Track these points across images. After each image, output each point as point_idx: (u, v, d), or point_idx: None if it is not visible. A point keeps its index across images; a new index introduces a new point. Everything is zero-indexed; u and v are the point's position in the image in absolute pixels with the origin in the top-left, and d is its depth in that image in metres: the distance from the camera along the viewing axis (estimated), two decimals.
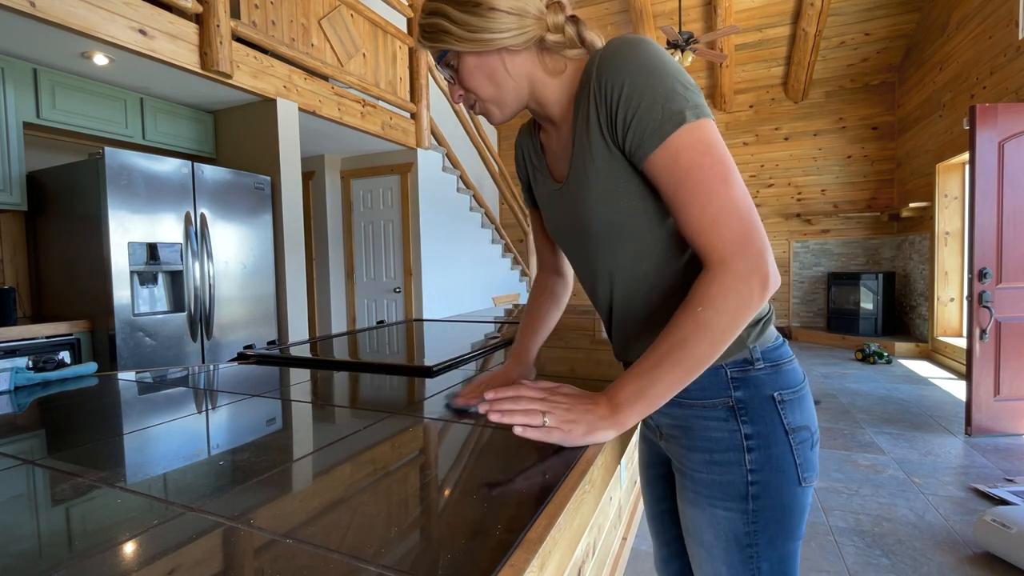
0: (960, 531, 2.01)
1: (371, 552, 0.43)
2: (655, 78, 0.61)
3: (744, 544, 0.71)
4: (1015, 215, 2.95)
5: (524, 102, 0.73)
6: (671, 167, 0.61)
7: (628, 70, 0.62)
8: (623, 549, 1.84)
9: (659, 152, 0.61)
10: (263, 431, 0.77)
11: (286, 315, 3.23)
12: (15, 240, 2.77)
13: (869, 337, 5.81)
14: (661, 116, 0.61)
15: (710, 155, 0.60)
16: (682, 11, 5.92)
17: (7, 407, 0.92)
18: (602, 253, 0.74)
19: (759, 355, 0.72)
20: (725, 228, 0.60)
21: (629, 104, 0.62)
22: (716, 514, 0.72)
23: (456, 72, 0.71)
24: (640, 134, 0.62)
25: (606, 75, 0.63)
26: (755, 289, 0.59)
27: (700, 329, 0.60)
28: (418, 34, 0.71)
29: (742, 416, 0.70)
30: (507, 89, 0.70)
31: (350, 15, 3.61)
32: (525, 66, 0.70)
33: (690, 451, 0.75)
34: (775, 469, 0.69)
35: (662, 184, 0.63)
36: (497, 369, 0.96)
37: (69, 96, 2.61)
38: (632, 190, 0.67)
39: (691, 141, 0.60)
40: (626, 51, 0.62)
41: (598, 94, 0.65)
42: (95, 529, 0.48)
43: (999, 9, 4.08)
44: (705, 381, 0.72)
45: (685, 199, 0.61)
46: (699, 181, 0.60)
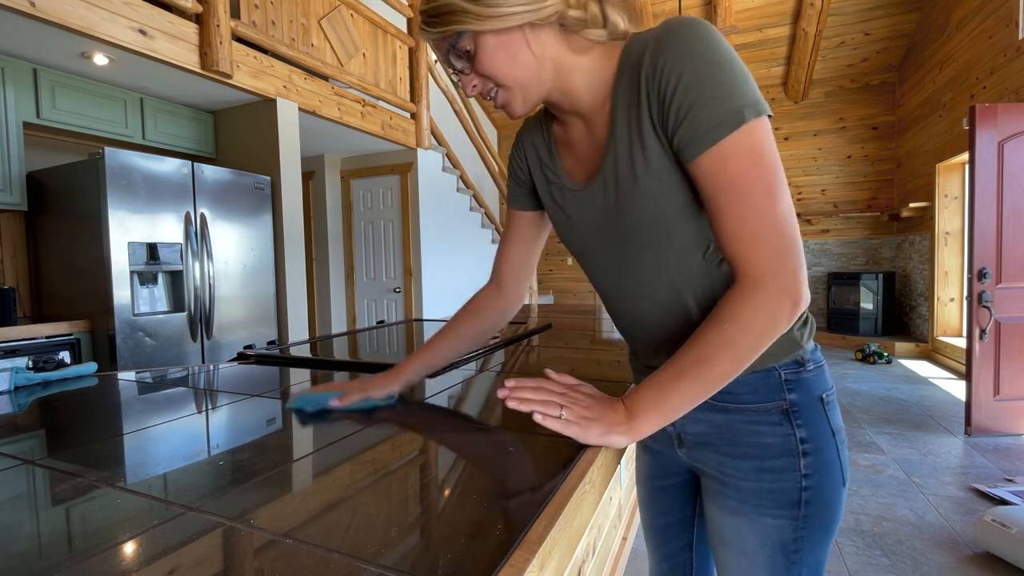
0: (960, 531, 2.01)
1: (371, 552, 0.43)
2: (717, 69, 0.56)
3: (790, 551, 0.69)
4: (1015, 215, 2.95)
5: (547, 90, 0.66)
6: (717, 172, 0.57)
7: (689, 57, 0.56)
8: (623, 549, 1.84)
9: (708, 155, 0.57)
10: (263, 431, 0.77)
11: (286, 315, 3.23)
12: (15, 240, 2.77)
13: (869, 337, 5.81)
14: (718, 115, 0.56)
15: (759, 165, 0.56)
16: (682, 11, 5.92)
17: (7, 407, 0.92)
18: (646, 252, 0.68)
19: (808, 356, 0.70)
20: (764, 244, 0.57)
21: (686, 95, 0.57)
22: (764, 522, 0.69)
23: (473, 57, 0.63)
24: (691, 132, 0.58)
25: (664, 59, 0.57)
26: (785, 310, 0.57)
27: (725, 346, 0.58)
28: (423, 21, 0.63)
29: (796, 419, 0.67)
30: (531, 71, 0.63)
31: (350, 15, 3.61)
32: (550, 46, 0.63)
33: (735, 459, 0.70)
34: (825, 472, 0.67)
35: (705, 187, 0.59)
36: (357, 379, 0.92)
37: (69, 96, 2.61)
38: (687, 184, 0.63)
39: (744, 147, 0.56)
40: (687, 35, 0.57)
41: (651, 80, 0.59)
42: (95, 529, 0.48)
43: (999, 9, 4.08)
44: (757, 384, 0.68)
45: (726, 208, 0.58)
46: (744, 192, 0.57)
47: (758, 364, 0.68)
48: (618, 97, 0.64)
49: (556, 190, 0.76)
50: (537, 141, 0.79)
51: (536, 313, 2.42)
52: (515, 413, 0.84)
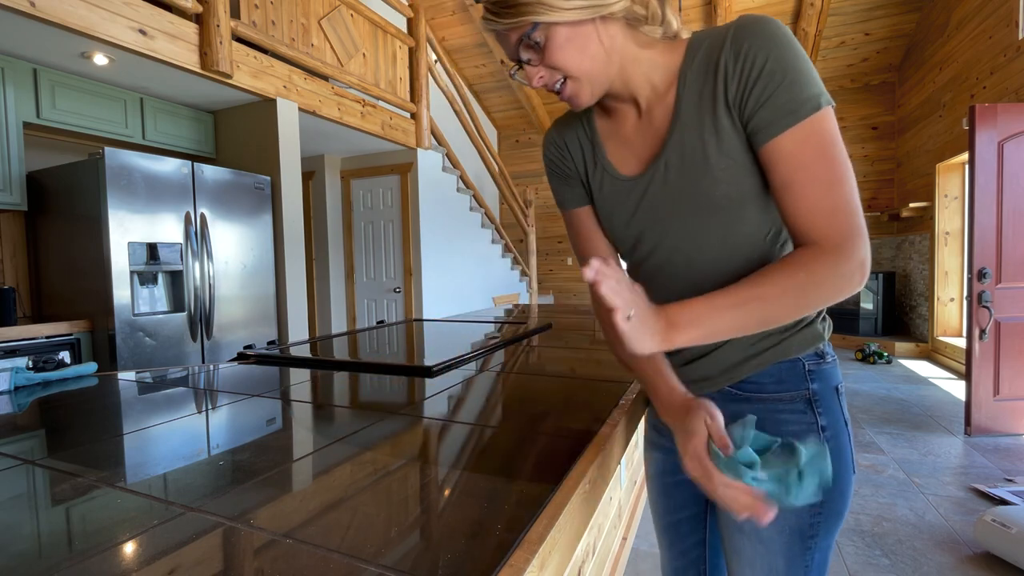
0: (960, 531, 2.01)
1: (371, 552, 0.43)
2: (799, 60, 0.60)
3: (807, 536, 0.72)
4: (1015, 215, 2.95)
5: (611, 81, 0.68)
6: (798, 152, 0.60)
7: (773, 44, 0.60)
8: (623, 549, 1.84)
9: (789, 134, 0.60)
10: (263, 431, 0.77)
11: (286, 315, 3.23)
12: (15, 240, 2.77)
13: (869, 337, 5.81)
14: (800, 98, 0.59)
15: (836, 146, 0.60)
16: (682, 11, 5.92)
17: (7, 407, 0.92)
18: (713, 234, 0.70)
19: (826, 349, 0.74)
20: (844, 218, 0.59)
21: (771, 78, 0.60)
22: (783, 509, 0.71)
23: (542, 48, 0.63)
24: (774, 112, 0.60)
25: (748, 45, 0.61)
26: (856, 280, 0.60)
27: (792, 292, 0.59)
28: (490, 11, 0.63)
29: (818, 408, 0.72)
30: (600, 63, 0.65)
31: (350, 15, 3.61)
32: (618, 38, 0.65)
33: None
34: (841, 459, 0.71)
35: (782, 166, 0.61)
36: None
37: (69, 96, 2.61)
38: (754, 169, 0.65)
39: (822, 128, 0.60)
40: (768, 26, 0.61)
41: (733, 64, 0.62)
42: (95, 529, 0.48)
43: (999, 9, 4.08)
44: (783, 374, 0.72)
45: (805, 186, 0.60)
46: (823, 169, 0.60)
47: (783, 354, 0.72)
48: (685, 84, 0.66)
49: (606, 182, 0.77)
50: (580, 138, 0.79)
51: (536, 313, 2.42)
52: (514, 412, 0.84)
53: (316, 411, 0.88)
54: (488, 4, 0.63)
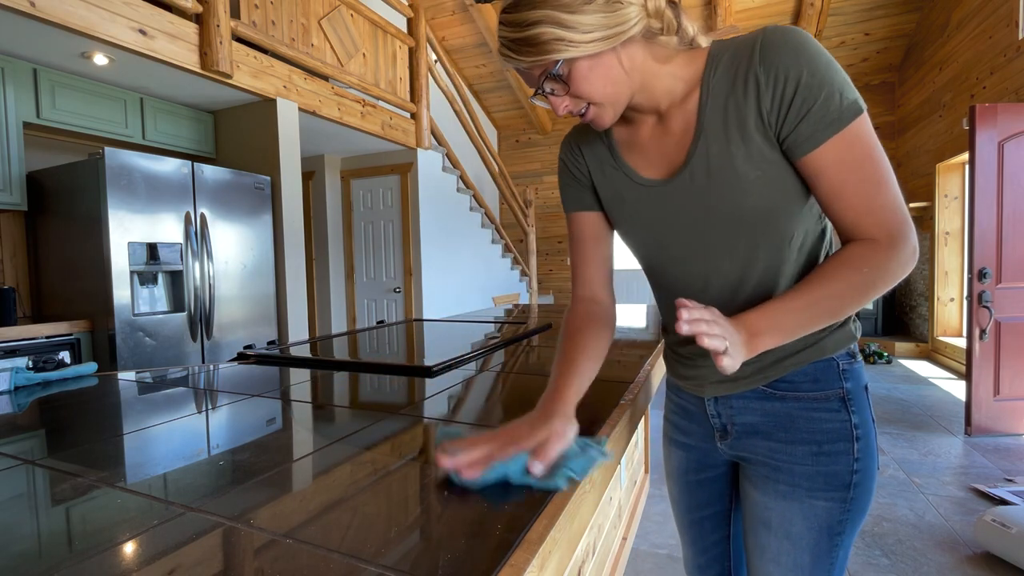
0: (960, 531, 2.01)
1: (371, 552, 0.43)
2: (832, 70, 0.61)
3: (835, 532, 0.73)
4: (1015, 215, 2.95)
5: (631, 97, 0.69)
6: (843, 158, 0.62)
7: (806, 59, 0.61)
8: (623, 549, 1.84)
9: (834, 140, 0.62)
10: (263, 431, 0.77)
11: (286, 315, 3.23)
12: (15, 240, 2.77)
13: (869, 337, 5.81)
14: (840, 106, 0.61)
15: (877, 147, 0.63)
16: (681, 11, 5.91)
17: (7, 407, 0.92)
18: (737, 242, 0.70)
19: (855, 349, 0.77)
20: (894, 213, 0.63)
21: (810, 91, 0.61)
22: (815, 505, 0.73)
23: (567, 80, 0.64)
24: (816, 124, 0.62)
25: (780, 61, 0.62)
26: (911, 265, 0.63)
27: (859, 287, 0.62)
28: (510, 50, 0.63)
29: (851, 406, 0.74)
30: (623, 86, 0.66)
31: (350, 15, 3.61)
32: (637, 58, 0.65)
33: (790, 444, 0.75)
34: (870, 456, 0.73)
35: (829, 171, 0.63)
36: (511, 424, 0.65)
37: (69, 96, 2.61)
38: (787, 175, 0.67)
39: (864, 134, 0.62)
40: (797, 39, 0.62)
41: (765, 79, 0.63)
42: (95, 529, 0.48)
43: (999, 9, 4.08)
44: (818, 373, 0.74)
45: (856, 187, 0.63)
46: (871, 171, 0.62)
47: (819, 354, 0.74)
48: (709, 94, 0.67)
49: (626, 188, 0.77)
50: (595, 144, 0.80)
51: (536, 313, 2.42)
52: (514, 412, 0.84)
53: (316, 411, 0.88)
54: (507, 43, 0.63)
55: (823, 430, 0.73)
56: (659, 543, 1.99)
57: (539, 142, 7.91)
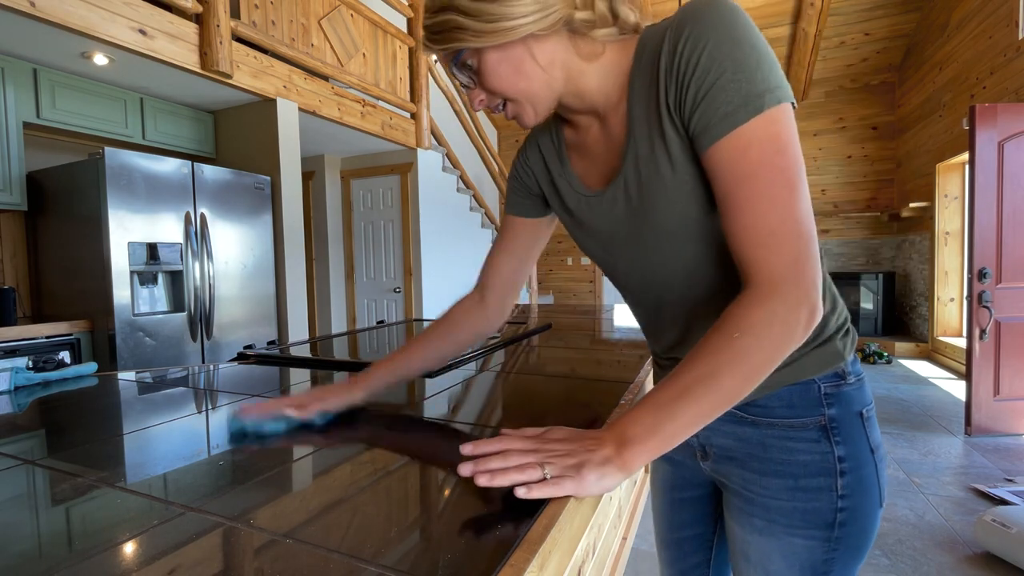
0: (960, 531, 2.01)
1: (371, 552, 0.43)
2: (739, 49, 0.51)
3: (820, 572, 0.65)
4: (1015, 215, 2.95)
5: (558, 96, 0.62)
6: (736, 161, 0.52)
7: (709, 36, 0.52)
8: (623, 549, 1.84)
9: (725, 142, 0.52)
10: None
11: (286, 315, 3.23)
12: (15, 240, 2.77)
13: (869, 337, 5.81)
14: (738, 97, 0.51)
15: (783, 155, 0.52)
16: None
17: (7, 407, 0.92)
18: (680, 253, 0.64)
19: (849, 368, 0.65)
20: (783, 245, 0.51)
21: (705, 77, 0.52)
22: (793, 543, 0.65)
23: (476, 73, 0.60)
24: (708, 117, 0.53)
25: (684, 40, 0.53)
26: (802, 322, 0.51)
27: (736, 359, 0.51)
28: (425, 37, 0.61)
29: (835, 436, 0.63)
30: (538, 82, 0.60)
31: (350, 15, 3.61)
32: (556, 53, 0.59)
33: (764, 476, 0.66)
34: (863, 492, 0.64)
35: (719, 179, 0.54)
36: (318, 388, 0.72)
37: (69, 96, 2.61)
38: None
39: (767, 135, 0.51)
40: (708, 13, 0.53)
41: (670, 63, 0.55)
42: (95, 529, 0.48)
43: (999, 9, 4.08)
44: (794, 398, 0.64)
45: (743, 202, 0.52)
46: (765, 184, 0.51)
47: (795, 376, 0.64)
48: (634, 92, 0.60)
49: (570, 198, 0.72)
50: (546, 148, 0.75)
51: (536, 313, 2.42)
52: (514, 412, 0.84)
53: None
54: (423, 28, 0.60)
55: (799, 462, 0.64)
56: None
57: None
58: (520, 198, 0.80)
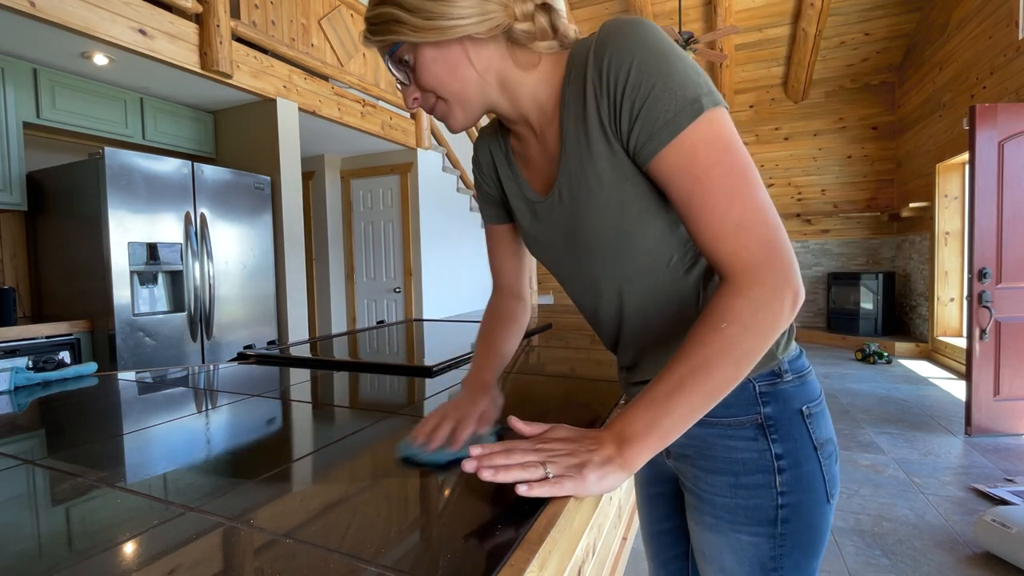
0: (960, 531, 2.01)
1: (371, 552, 0.43)
2: (666, 61, 0.53)
3: (769, 568, 0.66)
4: (1015, 215, 2.95)
5: (490, 103, 0.64)
6: (686, 165, 0.53)
7: (635, 52, 0.53)
8: (623, 549, 1.84)
9: (672, 148, 0.53)
10: (263, 431, 0.77)
11: (286, 315, 3.23)
12: (15, 240, 2.77)
13: (869, 337, 5.81)
14: (675, 105, 0.53)
15: (730, 152, 0.53)
16: (682, 11, 5.92)
17: (7, 407, 0.92)
18: (608, 268, 0.66)
19: (787, 366, 0.66)
20: (752, 234, 0.52)
21: (637, 91, 0.53)
22: (740, 539, 0.67)
23: (412, 69, 0.61)
24: (650, 127, 0.54)
25: (608, 59, 0.55)
26: (787, 304, 0.52)
27: (726, 348, 0.52)
28: (364, 30, 0.61)
29: (772, 434, 0.65)
30: (471, 85, 0.61)
31: (350, 15, 3.61)
32: (492, 59, 0.60)
33: (710, 473, 0.68)
34: (805, 489, 0.65)
35: (673, 185, 0.55)
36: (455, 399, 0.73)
37: (69, 96, 2.61)
38: (641, 192, 0.60)
39: (709, 135, 0.53)
40: (629, 32, 0.54)
41: (598, 82, 0.56)
42: (95, 529, 0.48)
43: (999, 9, 4.08)
44: (731, 398, 0.63)
45: (703, 202, 0.53)
46: (719, 181, 0.52)
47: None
48: (565, 107, 0.61)
49: (519, 202, 0.74)
50: (496, 153, 0.76)
51: (536, 313, 2.42)
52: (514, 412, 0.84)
53: (316, 411, 0.88)
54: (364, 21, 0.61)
55: (739, 460, 0.66)
56: None
57: None
58: (488, 206, 0.82)
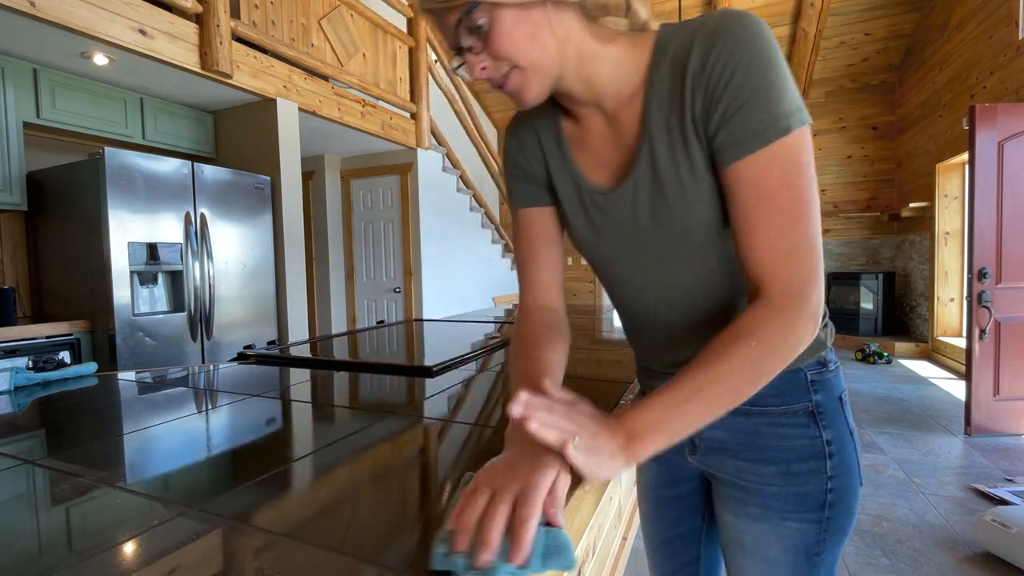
0: (960, 531, 2.01)
1: (371, 552, 0.43)
2: (770, 70, 0.52)
3: (813, 554, 0.68)
4: (1015, 215, 2.95)
5: (564, 77, 0.60)
6: (759, 180, 0.54)
7: (743, 54, 0.53)
8: (623, 549, 1.84)
9: (751, 160, 0.54)
10: (263, 431, 0.77)
11: (286, 315, 3.23)
12: (15, 240, 2.77)
13: (869, 337, 5.81)
14: (767, 118, 0.53)
15: (803, 176, 0.54)
16: (682, 11, 5.92)
17: (7, 407, 0.92)
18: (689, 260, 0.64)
19: (830, 356, 0.69)
20: (800, 262, 0.54)
21: (737, 94, 0.53)
22: (788, 527, 0.68)
23: (487, 34, 0.54)
24: (737, 134, 0.54)
25: (717, 54, 0.53)
26: (809, 333, 0.55)
27: (750, 367, 0.53)
28: None
29: (822, 421, 0.67)
30: (551, 53, 0.56)
31: (350, 15, 3.61)
32: (573, 29, 0.56)
33: (757, 463, 0.69)
34: (847, 473, 0.67)
35: (740, 193, 0.55)
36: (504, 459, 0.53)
37: (69, 96, 2.61)
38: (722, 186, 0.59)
39: (789, 156, 0.53)
40: (740, 28, 0.53)
41: (700, 74, 0.55)
42: (95, 529, 0.48)
43: (999, 9, 4.08)
44: (784, 386, 0.66)
45: (763, 219, 0.54)
46: (785, 204, 0.53)
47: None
48: (653, 93, 0.59)
49: (568, 190, 0.69)
50: (544, 133, 0.70)
51: None
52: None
53: (316, 411, 0.88)
54: None
55: (792, 447, 0.67)
56: None
57: None
58: (528, 185, 0.73)
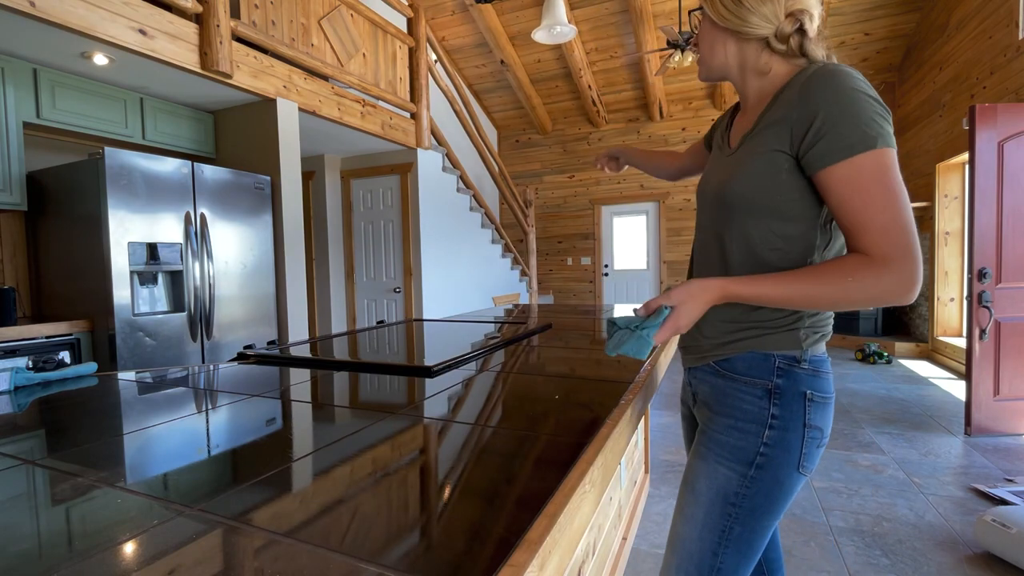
0: (960, 531, 2.01)
1: (371, 552, 0.43)
2: (856, 104, 0.71)
3: (729, 502, 0.82)
4: (1015, 215, 2.95)
5: (724, 77, 0.88)
6: (851, 180, 0.71)
7: (828, 95, 0.72)
8: (623, 549, 1.84)
9: (842, 165, 0.71)
10: (263, 431, 0.77)
11: (286, 315, 3.23)
12: (15, 240, 2.77)
13: (869, 337, 5.81)
14: (856, 135, 0.70)
15: (888, 178, 0.70)
16: (682, 11, 5.92)
17: (7, 407, 0.92)
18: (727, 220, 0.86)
19: (807, 358, 0.83)
20: (894, 235, 0.69)
21: (826, 120, 0.72)
22: (717, 469, 0.83)
23: (699, 25, 0.88)
24: (829, 145, 0.72)
25: (812, 97, 0.74)
26: (905, 292, 0.68)
27: (837, 289, 0.70)
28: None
29: (775, 399, 0.81)
30: (717, 59, 0.87)
31: (350, 15, 3.61)
32: (741, 55, 0.85)
33: (717, 415, 0.86)
34: (784, 450, 0.80)
35: (835, 192, 0.73)
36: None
37: (69, 96, 2.61)
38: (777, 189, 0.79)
39: (875, 165, 0.70)
40: (829, 79, 0.73)
41: (800, 109, 0.75)
42: (95, 529, 0.48)
43: (999, 9, 4.08)
44: (755, 362, 0.83)
45: (860, 206, 0.70)
46: (876, 194, 0.70)
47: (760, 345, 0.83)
48: (774, 104, 0.80)
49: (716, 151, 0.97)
50: (726, 118, 1.00)
51: (536, 313, 2.42)
52: (514, 412, 0.84)
53: (316, 411, 0.88)
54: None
55: (744, 409, 0.83)
56: (659, 543, 1.99)
57: (539, 142, 7.91)
58: (707, 137, 1.12)
